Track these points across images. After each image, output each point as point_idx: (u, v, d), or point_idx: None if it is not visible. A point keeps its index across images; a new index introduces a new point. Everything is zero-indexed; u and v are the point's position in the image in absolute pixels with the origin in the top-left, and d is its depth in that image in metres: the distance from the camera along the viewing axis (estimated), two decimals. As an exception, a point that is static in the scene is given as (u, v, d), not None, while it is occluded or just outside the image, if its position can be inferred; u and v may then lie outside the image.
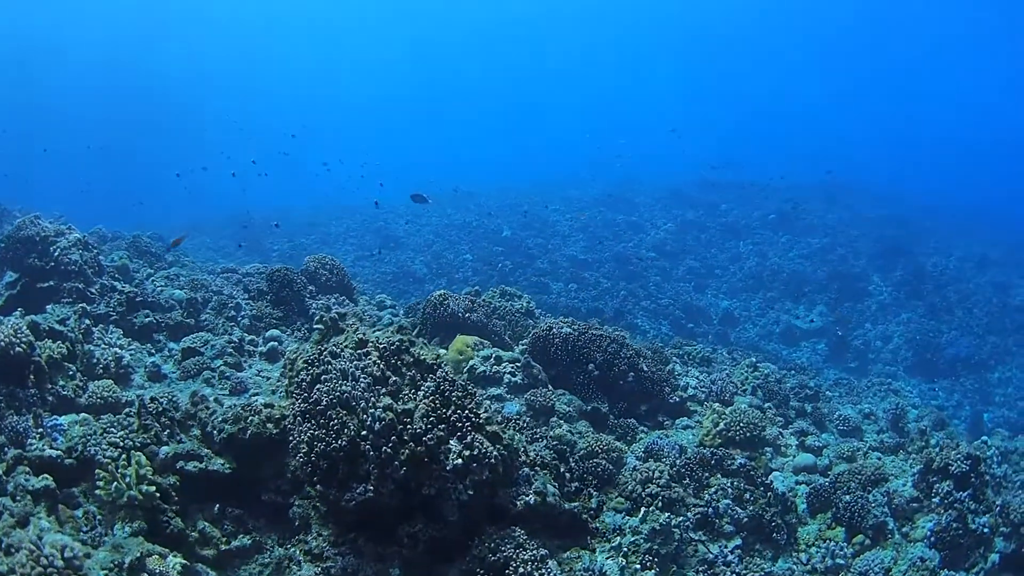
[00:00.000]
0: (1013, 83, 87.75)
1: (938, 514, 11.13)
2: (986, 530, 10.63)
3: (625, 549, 9.15)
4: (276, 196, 52.52)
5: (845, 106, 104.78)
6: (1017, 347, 31.27)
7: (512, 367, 14.20)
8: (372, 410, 7.53)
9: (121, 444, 9.32)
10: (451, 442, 7.55)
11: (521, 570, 7.72)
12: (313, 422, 7.88)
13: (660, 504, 10.17)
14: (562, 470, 9.68)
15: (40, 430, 9.39)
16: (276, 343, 15.18)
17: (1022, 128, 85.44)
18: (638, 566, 8.95)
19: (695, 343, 22.71)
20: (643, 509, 9.78)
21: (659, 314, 32.92)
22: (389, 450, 7.38)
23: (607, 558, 9.01)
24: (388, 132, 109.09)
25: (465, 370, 13.98)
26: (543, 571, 7.84)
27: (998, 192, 61.89)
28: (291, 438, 8.27)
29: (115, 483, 7.75)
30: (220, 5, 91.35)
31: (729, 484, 11.19)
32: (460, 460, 7.43)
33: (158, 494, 8.05)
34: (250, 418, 9.43)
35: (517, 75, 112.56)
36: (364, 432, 7.53)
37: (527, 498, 8.34)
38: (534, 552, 7.95)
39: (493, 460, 7.59)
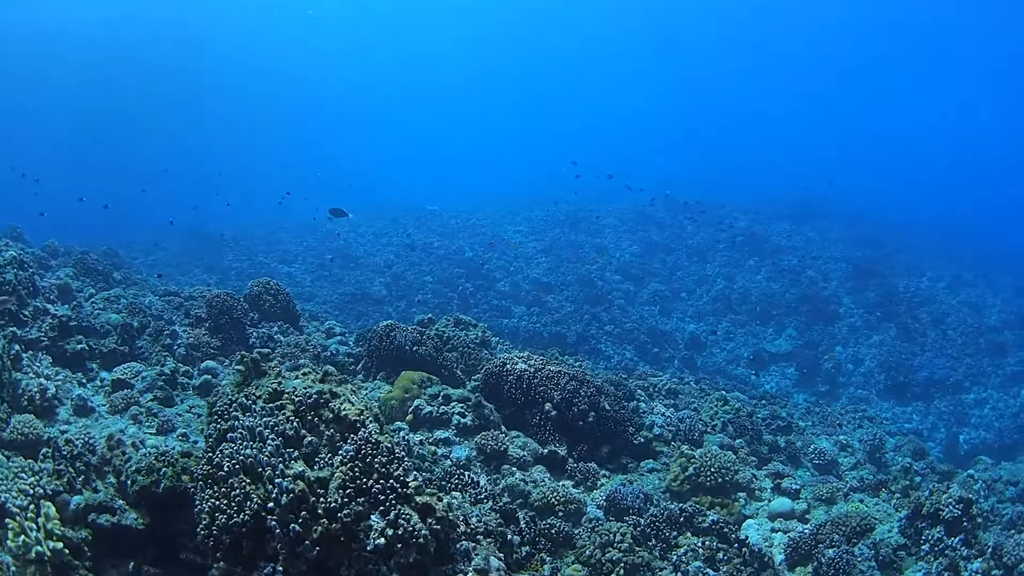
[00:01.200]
0: (980, 102, 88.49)
1: (927, 562, 10.50)
2: None
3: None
4: (237, 212, 51.20)
5: (812, 126, 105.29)
6: (992, 367, 30.95)
7: (462, 407, 13.13)
8: (279, 480, 6.40)
9: (31, 492, 8.30)
10: (372, 517, 6.41)
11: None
12: (215, 489, 6.75)
13: (622, 572, 9.11)
14: (510, 537, 8.56)
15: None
16: (210, 376, 13.99)
17: (991, 146, 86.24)
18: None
19: (660, 374, 21.94)
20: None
21: (623, 339, 32.08)
22: (299, 527, 6.25)
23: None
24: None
25: (410, 410, 12.89)
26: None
27: (968, 211, 62.18)
28: (196, 503, 7.14)
29: (22, 536, 6.69)
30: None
31: (700, 544, 10.12)
32: (383, 540, 6.30)
33: (67, 551, 6.99)
34: (163, 470, 8.35)
35: (487, 93, 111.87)
36: (271, 504, 6.41)
37: (466, 577, 7.25)
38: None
39: (422, 539, 6.45)
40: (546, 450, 13.07)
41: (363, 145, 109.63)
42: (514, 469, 12.11)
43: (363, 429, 6.93)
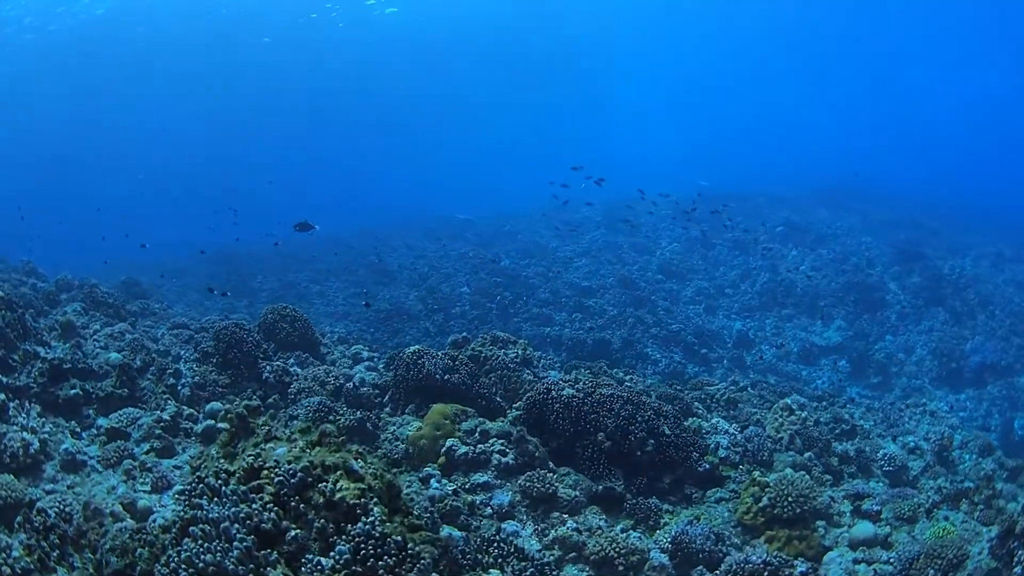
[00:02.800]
0: (1013, 77, 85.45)
1: (1022, 588, 8.84)
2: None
3: None
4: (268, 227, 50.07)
5: (844, 109, 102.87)
6: (1043, 347, 29.35)
7: (502, 443, 11.43)
8: (249, 598, 4.75)
9: (-1, 572, 7.26)
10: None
11: None
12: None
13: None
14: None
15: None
16: (214, 421, 12.43)
17: (1016, 120, 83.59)
18: None
19: (715, 382, 20.33)
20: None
21: (670, 341, 30.41)
22: (276, 663, 4.60)
23: None
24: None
25: (443, 451, 11.20)
26: None
27: (1001, 187, 60.23)
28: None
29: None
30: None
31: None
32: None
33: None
34: (139, 551, 6.80)
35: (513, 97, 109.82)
36: (242, 629, 4.76)
37: None
38: None
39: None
40: (600, 487, 11.37)
41: (384, 156, 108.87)
42: (565, 516, 10.40)
43: (365, 517, 5.23)
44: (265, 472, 5.77)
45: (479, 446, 11.27)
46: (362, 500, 5.39)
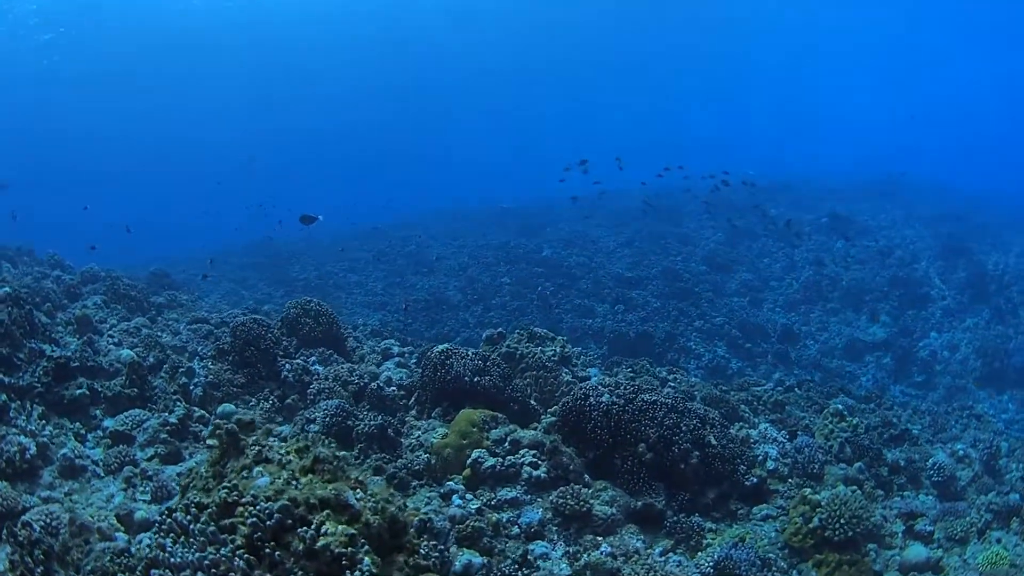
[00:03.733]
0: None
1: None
2: None
3: None
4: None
5: (888, 100, 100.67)
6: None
7: (534, 454, 10.44)
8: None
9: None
10: None
11: None
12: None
13: None
14: None
15: None
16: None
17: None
18: None
19: (762, 382, 19.79)
20: None
21: (714, 335, 29.62)
22: None
23: None
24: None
25: (468, 463, 10.26)
26: None
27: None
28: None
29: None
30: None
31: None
32: None
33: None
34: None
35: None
36: None
37: None
38: None
39: None
40: (640, 503, 10.37)
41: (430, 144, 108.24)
42: (599, 539, 9.41)
43: (351, 572, 4.30)
44: (241, 508, 4.87)
45: (508, 457, 10.29)
46: (349, 549, 4.46)
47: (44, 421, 11.17)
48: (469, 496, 9.80)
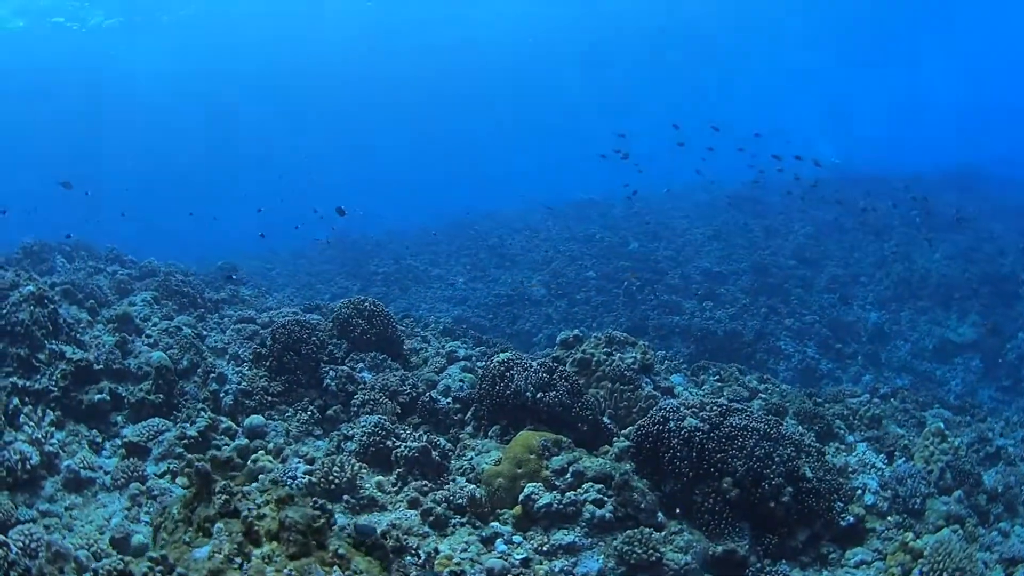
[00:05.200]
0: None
1: None
2: None
3: None
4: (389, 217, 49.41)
5: (976, 87, 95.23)
6: None
7: (599, 489, 8.80)
8: None
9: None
10: None
11: None
12: None
13: None
14: None
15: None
16: (249, 440, 10.28)
17: None
18: None
19: (857, 392, 17.93)
20: None
21: (804, 334, 27.99)
22: None
23: None
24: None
25: (521, 499, 8.67)
26: None
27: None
28: None
29: None
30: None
31: None
32: None
33: None
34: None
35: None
36: None
37: None
38: None
39: None
40: (720, 548, 8.67)
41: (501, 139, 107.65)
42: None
43: None
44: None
45: (568, 493, 8.67)
46: None
47: (55, 428, 10.23)
48: (518, 538, 8.22)
